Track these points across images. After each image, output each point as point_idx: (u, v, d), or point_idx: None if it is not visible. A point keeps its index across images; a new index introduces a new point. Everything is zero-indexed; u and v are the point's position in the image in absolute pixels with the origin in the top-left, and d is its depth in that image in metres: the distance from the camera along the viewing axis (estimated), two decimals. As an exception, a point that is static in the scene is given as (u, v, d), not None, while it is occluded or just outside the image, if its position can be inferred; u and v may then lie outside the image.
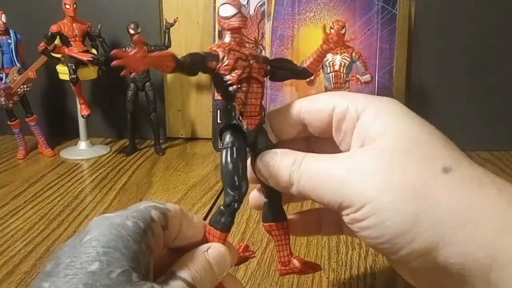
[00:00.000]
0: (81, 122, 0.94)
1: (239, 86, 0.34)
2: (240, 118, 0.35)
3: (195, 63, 0.34)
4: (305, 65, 0.36)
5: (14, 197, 0.73)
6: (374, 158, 0.28)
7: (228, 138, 0.34)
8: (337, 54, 0.78)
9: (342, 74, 0.78)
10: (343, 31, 0.77)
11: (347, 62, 0.78)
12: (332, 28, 0.77)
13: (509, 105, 0.91)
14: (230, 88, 0.34)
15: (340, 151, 0.33)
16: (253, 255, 0.55)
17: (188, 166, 0.87)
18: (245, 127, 0.35)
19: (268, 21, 0.90)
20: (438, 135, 0.30)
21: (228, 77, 0.34)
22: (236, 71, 0.34)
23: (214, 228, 0.34)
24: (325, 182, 0.29)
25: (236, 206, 0.33)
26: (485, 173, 0.27)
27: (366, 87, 0.87)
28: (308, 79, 0.79)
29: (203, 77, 0.98)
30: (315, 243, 0.59)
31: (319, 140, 0.36)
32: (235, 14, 0.35)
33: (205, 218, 0.66)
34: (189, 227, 0.32)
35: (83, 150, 0.93)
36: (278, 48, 0.90)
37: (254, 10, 0.90)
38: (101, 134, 1.00)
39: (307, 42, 0.88)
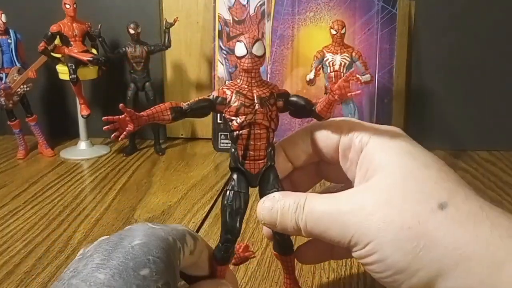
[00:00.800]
0: (81, 122, 0.93)
1: (240, 132, 0.34)
2: (243, 162, 0.35)
3: (203, 108, 0.35)
4: (317, 110, 0.35)
5: (14, 197, 0.73)
6: (374, 196, 0.29)
7: (231, 181, 0.36)
8: (337, 54, 0.78)
9: (342, 74, 0.78)
10: (343, 31, 0.77)
11: (347, 62, 0.77)
12: (332, 28, 0.77)
13: (509, 105, 0.91)
14: (233, 133, 0.35)
15: (347, 177, 0.35)
16: (253, 255, 0.55)
17: (188, 166, 0.87)
18: (247, 171, 0.35)
19: (268, 21, 0.90)
20: (436, 166, 0.31)
21: (231, 122, 0.35)
22: (238, 117, 0.34)
23: (215, 260, 0.37)
24: (332, 224, 0.30)
25: (229, 246, 0.36)
26: (480, 206, 0.28)
27: (366, 87, 0.87)
28: (308, 81, 0.79)
29: (203, 76, 0.99)
30: (315, 243, 0.59)
31: (329, 165, 0.37)
32: (245, 55, 0.34)
33: (205, 218, 0.66)
34: (207, 258, 0.35)
35: (83, 150, 0.93)
36: (278, 48, 0.90)
37: (254, 10, 0.90)
38: (101, 134, 0.99)
39: (307, 42, 0.88)
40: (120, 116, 0.33)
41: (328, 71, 0.78)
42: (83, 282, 0.25)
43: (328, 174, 0.38)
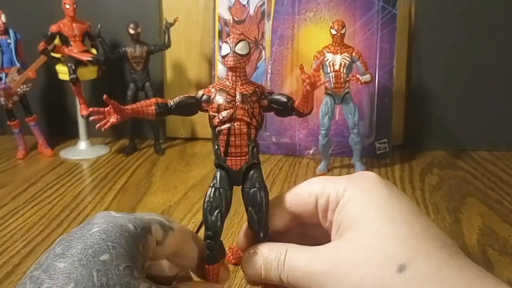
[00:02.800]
0: (81, 122, 0.93)
1: (221, 128, 0.35)
2: (225, 159, 0.35)
3: (189, 105, 0.36)
4: (295, 105, 0.35)
5: (14, 197, 0.73)
6: (345, 258, 0.31)
7: (214, 178, 0.36)
8: (337, 54, 0.78)
9: (342, 74, 0.78)
10: (343, 31, 0.77)
11: (347, 62, 0.77)
12: (333, 28, 0.77)
13: (509, 105, 0.91)
14: (215, 129, 0.35)
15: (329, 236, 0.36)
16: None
17: (188, 166, 0.87)
18: (230, 168, 0.35)
19: (268, 21, 0.90)
20: (404, 220, 0.32)
21: (213, 119, 0.35)
22: (220, 113, 0.35)
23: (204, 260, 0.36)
24: (311, 283, 0.32)
25: (211, 244, 0.36)
26: (439, 266, 0.29)
27: (366, 87, 0.87)
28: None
29: (202, 76, 0.99)
30: (315, 243, 0.59)
31: (312, 225, 0.38)
32: (228, 53, 0.35)
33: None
34: (192, 249, 0.36)
35: (83, 150, 0.93)
36: (278, 48, 0.90)
37: (254, 10, 0.90)
38: (101, 134, 1.00)
39: (307, 42, 0.88)
40: (106, 108, 0.34)
41: (328, 71, 0.78)
42: (43, 273, 0.26)
43: (314, 235, 0.39)
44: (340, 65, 0.78)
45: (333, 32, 0.77)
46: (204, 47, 0.97)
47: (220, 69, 0.92)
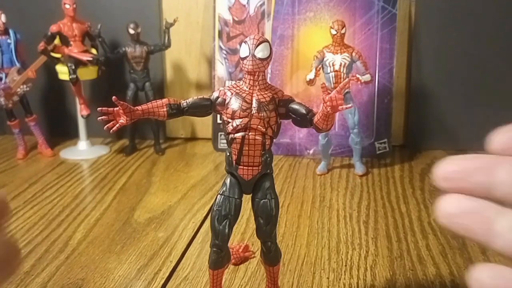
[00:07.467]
0: (81, 122, 0.93)
1: (234, 136, 0.34)
2: (236, 167, 0.34)
3: (202, 106, 0.35)
4: (314, 121, 0.34)
5: (14, 197, 0.73)
6: None
7: (223, 185, 0.35)
8: (337, 53, 0.78)
9: (342, 74, 0.78)
10: (343, 31, 0.77)
11: (347, 62, 0.77)
12: (333, 28, 0.77)
13: (509, 105, 0.91)
14: (228, 136, 0.34)
15: None
16: (253, 255, 0.55)
17: (188, 166, 0.87)
18: (240, 177, 0.35)
19: (268, 21, 0.90)
20: None
21: (227, 125, 0.34)
22: (234, 120, 0.34)
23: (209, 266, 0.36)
24: None
25: (218, 252, 0.35)
26: None
27: (366, 87, 0.87)
28: (308, 81, 0.79)
29: (202, 76, 0.98)
30: (315, 243, 0.59)
31: None
32: (247, 56, 0.33)
33: (205, 218, 0.66)
34: None
35: (83, 150, 0.93)
36: (278, 48, 0.90)
37: (254, 10, 0.90)
38: (101, 134, 1.00)
39: (307, 42, 0.88)
40: (114, 109, 0.33)
41: (328, 71, 0.78)
42: None
43: None
44: (340, 65, 0.78)
45: (333, 32, 0.77)
46: (204, 47, 0.97)
47: (220, 69, 0.92)
